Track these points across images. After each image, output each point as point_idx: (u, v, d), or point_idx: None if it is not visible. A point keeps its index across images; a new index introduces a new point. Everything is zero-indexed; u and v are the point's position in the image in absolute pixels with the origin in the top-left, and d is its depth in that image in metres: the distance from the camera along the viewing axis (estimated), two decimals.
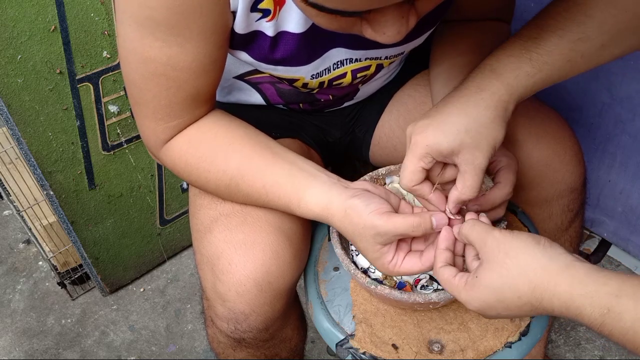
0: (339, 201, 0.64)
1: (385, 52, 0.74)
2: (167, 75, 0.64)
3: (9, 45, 0.99)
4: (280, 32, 0.66)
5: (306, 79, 0.74)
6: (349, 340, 0.70)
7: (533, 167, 0.79)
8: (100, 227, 1.32)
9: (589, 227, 1.36)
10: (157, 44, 0.61)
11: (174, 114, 0.68)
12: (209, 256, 0.72)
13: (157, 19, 0.59)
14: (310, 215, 0.67)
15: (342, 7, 0.46)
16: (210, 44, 0.63)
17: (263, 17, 0.64)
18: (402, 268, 0.62)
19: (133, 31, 0.61)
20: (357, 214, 0.62)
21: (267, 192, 0.68)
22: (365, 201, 0.62)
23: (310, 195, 0.66)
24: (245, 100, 0.87)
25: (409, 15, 0.49)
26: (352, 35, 0.70)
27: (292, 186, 0.67)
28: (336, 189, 0.65)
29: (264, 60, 0.70)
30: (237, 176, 0.69)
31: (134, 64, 0.65)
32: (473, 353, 0.67)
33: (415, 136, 0.62)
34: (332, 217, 0.64)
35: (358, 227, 0.62)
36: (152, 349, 1.34)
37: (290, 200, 0.67)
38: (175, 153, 0.71)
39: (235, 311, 0.71)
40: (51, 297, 1.47)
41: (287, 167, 0.68)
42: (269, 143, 0.71)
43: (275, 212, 0.72)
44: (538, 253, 0.51)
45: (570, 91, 1.22)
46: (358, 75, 0.77)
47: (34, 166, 1.14)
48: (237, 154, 0.69)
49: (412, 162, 0.62)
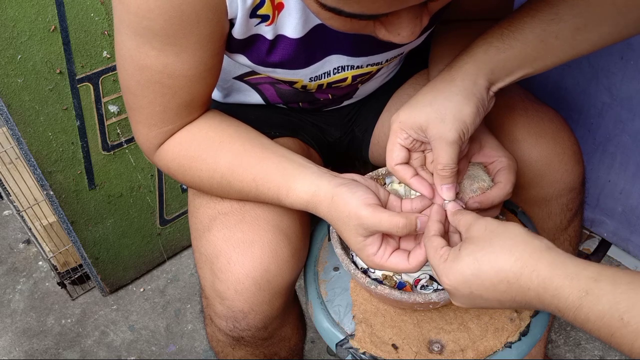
0: (327, 188, 0.64)
1: (386, 56, 0.75)
2: (163, 82, 0.64)
3: (9, 45, 0.99)
4: (278, 36, 0.66)
5: (305, 82, 0.74)
6: (349, 340, 0.70)
7: (532, 166, 0.79)
8: (100, 227, 1.32)
9: (589, 227, 1.36)
10: (153, 52, 0.61)
11: (168, 120, 0.69)
12: (207, 255, 0.72)
13: (154, 29, 0.59)
14: (299, 204, 0.66)
15: (361, 11, 0.46)
16: (207, 52, 0.63)
17: (262, 21, 0.64)
18: (389, 263, 0.61)
19: (130, 39, 0.62)
20: (344, 201, 0.61)
21: (257, 185, 0.68)
22: (352, 189, 0.62)
23: (300, 184, 0.66)
24: (245, 101, 0.87)
25: (422, 15, 0.50)
26: (354, 43, 0.70)
27: (281, 177, 0.67)
28: (325, 177, 0.65)
29: (261, 63, 0.70)
30: (228, 173, 0.69)
31: (130, 71, 0.65)
32: (473, 353, 0.67)
33: (392, 118, 0.66)
34: (319, 204, 0.64)
35: (342, 215, 0.62)
36: (152, 349, 1.34)
37: (279, 190, 0.67)
38: (168, 156, 0.72)
39: (234, 309, 0.71)
40: (51, 297, 1.47)
41: (277, 160, 0.68)
42: (260, 139, 0.71)
43: (274, 210, 0.72)
44: (524, 234, 0.52)
45: (570, 91, 1.22)
46: (359, 79, 0.77)
47: (34, 166, 1.14)
48: (228, 152, 0.69)
49: (390, 141, 0.66)
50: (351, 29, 0.52)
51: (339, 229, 0.64)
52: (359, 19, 0.48)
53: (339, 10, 0.46)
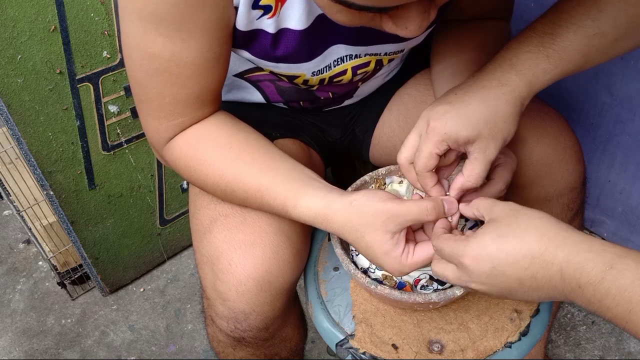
0: (341, 200, 0.63)
1: (384, 48, 0.74)
2: (171, 71, 0.64)
3: (9, 45, 0.99)
4: (281, 30, 0.66)
5: (307, 76, 0.74)
6: (349, 340, 0.70)
7: (533, 165, 0.79)
8: (100, 227, 1.32)
9: (589, 227, 1.36)
10: (160, 39, 0.61)
11: (178, 112, 0.68)
12: (209, 256, 0.72)
13: (160, 14, 0.59)
14: (306, 217, 0.65)
15: (372, 4, 0.46)
16: (214, 39, 0.63)
17: (264, 14, 0.64)
18: (416, 257, 0.60)
19: (136, 27, 0.61)
20: (366, 202, 0.61)
21: (262, 195, 0.67)
22: (369, 192, 0.62)
23: (309, 196, 0.65)
24: (245, 99, 0.87)
25: (430, 9, 0.50)
26: (353, 32, 0.70)
27: (290, 188, 0.66)
28: (336, 191, 0.65)
29: (265, 57, 0.69)
30: (233, 182, 0.68)
31: (138, 61, 0.65)
32: (473, 353, 0.67)
33: (433, 122, 0.62)
34: (333, 215, 0.63)
35: (367, 216, 0.60)
36: (152, 349, 1.34)
37: (286, 201, 0.66)
38: (175, 153, 0.71)
39: (235, 310, 0.71)
40: (51, 297, 1.47)
41: (286, 171, 0.68)
42: (268, 148, 0.71)
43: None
44: (550, 216, 0.52)
45: (570, 91, 1.22)
46: (358, 72, 0.77)
47: (34, 166, 1.14)
48: (235, 160, 0.69)
49: (428, 147, 0.62)
50: (358, 23, 0.51)
51: (360, 236, 0.61)
52: (367, 11, 0.48)
53: (349, 3, 0.46)
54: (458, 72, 0.75)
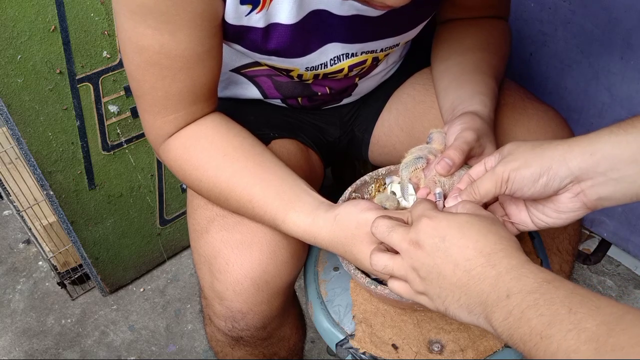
0: (325, 215, 0.63)
1: (379, 44, 0.75)
2: (161, 64, 0.64)
3: (9, 45, 0.99)
4: (271, 24, 0.67)
5: (301, 70, 0.75)
6: (349, 340, 0.70)
7: None
8: (100, 227, 1.32)
9: (589, 227, 1.36)
10: (149, 31, 0.62)
11: (171, 107, 0.69)
12: (206, 256, 0.72)
13: (148, 6, 0.60)
14: (294, 234, 0.66)
15: None
16: (202, 31, 0.63)
17: (252, 10, 0.64)
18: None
19: (127, 20, 0.62)
20: (346, 215, 0.61)
21: (253, 206, 0.68)
22: (352, 203, 0.62)
23: (296, 213, 0.65)
24: (243, 95, 0.87)
25: None
26: (348, 30, 0.70)
27: (279, 203, 0.66)
28: (322, 206, 0.65)
29: (257, 50, 0.70)
30: (226, 190, 0.69)
31: (130, 55, 0.65)
32: (473, 353, 0.67)
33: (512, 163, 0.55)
34: (319, 231, 0.63)
35: (350, 229, 0.61)
36: (152, 349, 1.34)
37: (276, 216, 0.66)
38: (171, 155, 0.72)
39: (233, 310, 0.71)
40: (51, 297, 1.47)
41: (277, 182, 0.68)
42: (264, 156, 0.71)
43: None
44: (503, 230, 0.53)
45: (570, 91, 1.22)
46: (354, 68, 0.77)
47: (34, 166, 1.14)
48: (229, 168, 0.69)
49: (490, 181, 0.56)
50: None
51: (348, 250, 0.61)
52: None
53: None
54: (465, 71, 0.75)
